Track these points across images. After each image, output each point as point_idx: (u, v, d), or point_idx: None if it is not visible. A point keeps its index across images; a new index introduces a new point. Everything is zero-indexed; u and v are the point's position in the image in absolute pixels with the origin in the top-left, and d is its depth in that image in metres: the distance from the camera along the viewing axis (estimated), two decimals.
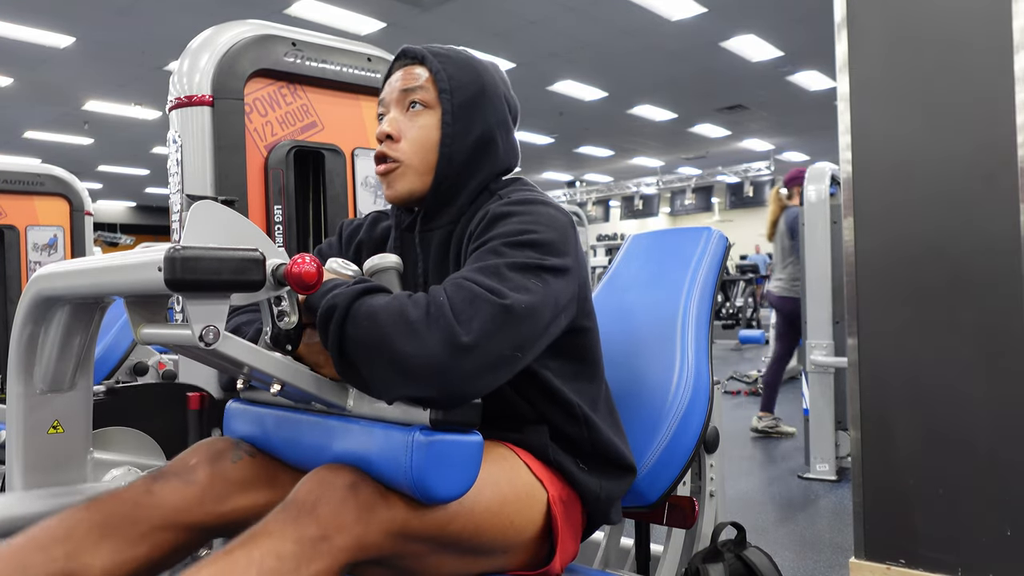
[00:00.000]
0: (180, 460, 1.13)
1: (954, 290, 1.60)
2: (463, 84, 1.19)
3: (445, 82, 1.18)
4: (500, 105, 1.23)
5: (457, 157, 1.18)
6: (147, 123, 11.61)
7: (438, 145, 1.18)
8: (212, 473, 1.10)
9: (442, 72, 1.18)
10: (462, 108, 1.18)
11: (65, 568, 0.94)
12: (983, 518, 1.55)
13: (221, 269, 0.79)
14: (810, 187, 3.78)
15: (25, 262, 3.14)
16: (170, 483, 1.07)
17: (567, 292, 1.05)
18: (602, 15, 7.70)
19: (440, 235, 1.20)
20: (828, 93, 10.80)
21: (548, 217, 1.08)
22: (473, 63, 1.22)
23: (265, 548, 0.83)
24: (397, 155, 1.18)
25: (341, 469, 0.93)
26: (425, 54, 1.20)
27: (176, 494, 1.06)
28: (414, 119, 1.19)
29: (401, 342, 0.88)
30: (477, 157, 1.19)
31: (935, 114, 1.63)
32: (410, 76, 1.20)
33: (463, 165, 1.18)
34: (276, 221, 1.78)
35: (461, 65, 1.20)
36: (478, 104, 1.19)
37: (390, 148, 1.19)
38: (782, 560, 2.56)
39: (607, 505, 1.21)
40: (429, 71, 1.19)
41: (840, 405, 3.68)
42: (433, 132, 1.18)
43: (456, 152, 1.17)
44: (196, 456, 1.12)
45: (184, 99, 1.70)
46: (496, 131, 1.21)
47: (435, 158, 1.18)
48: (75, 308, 1.11)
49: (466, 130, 1.18)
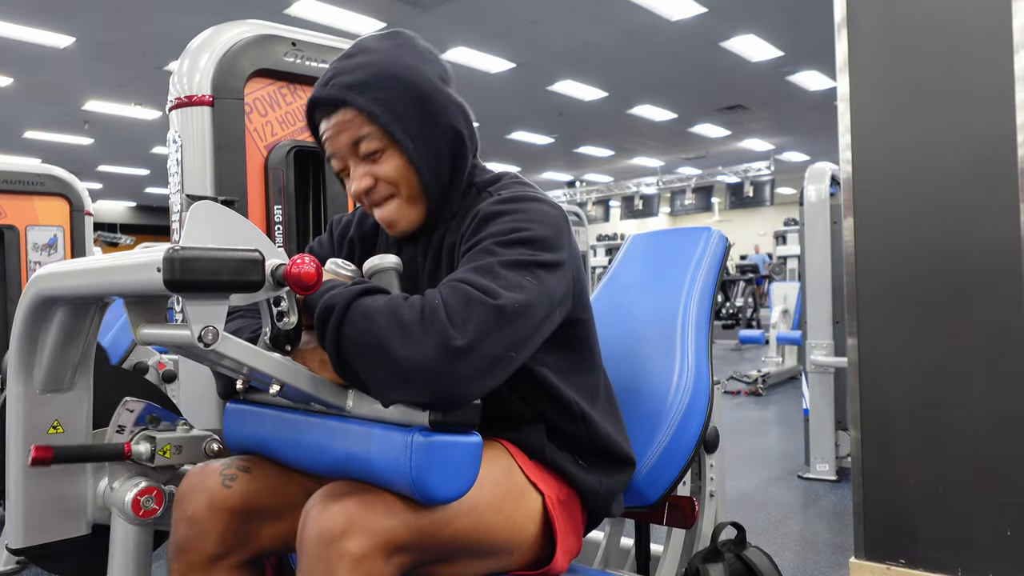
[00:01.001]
0: (182, 515, 1.11)
1: (954, 290, 1.60)
2: (400, 103, 1.09)
3: (382, 115, 1.08)
4: (441, 91, 1.12)
5: (439, 172, 1.14)
6: (147, 123, 11.61)
7: (415, 174, 1.13)
8: (214, 513, 1.09)
9: (373, 107, 1.08)
10: (415, 127, 1.10)
11: None
12: (983, 518, 1.55)
13: (220, 270, 0.79)
14: (810, 187, 3.78)
15: (25, 262, 3.14)
16: (189, 555, 1.09)
17: (561, 287, 1.05)
18: (602, 15, 7.70)
19: (435, 237, 1.19)
20: (828, 93, 10.80)
21: (539, 213, 1.07)
22: (392, 69, 1.10)
23: None
24: (383, 196, 1.15)
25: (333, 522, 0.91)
26: (343, 97, 1.09)
27: (202, 553, 1.08)
28: (378, 164, 1.13)
29: (396, 345, 0.88)
30: (454, 156, 1.15)
31: (935, 114, 1.63)
32: (345, 127, 1.11)
33: (447, 173, 1.15)
34: (276, 221, 1.78)
35: (384, 83, 1.09)
36: (426, 111, 1.11)
37: (374, 198, 1.15)
38: (782, 560, 2.56)
39: (607, 500, 1.21)
40: (358, 111, 1.09)
41: (840, 405, 3.68)
42: (404, 167, 1.12)
43: (435, 170, 1.14)
44: (191, 504, 1.11)
45: (184, 99, 1.70)
46: (455, 119, 1.13)
47: (419, 186, 1.13)
48: (75, 308, 1.11)
49: (431, 143, 1.12)
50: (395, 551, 0.92)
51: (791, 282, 7.74)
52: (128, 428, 1.25)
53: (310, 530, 0.91)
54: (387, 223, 1.17)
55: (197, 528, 1.08)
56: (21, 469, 1.18)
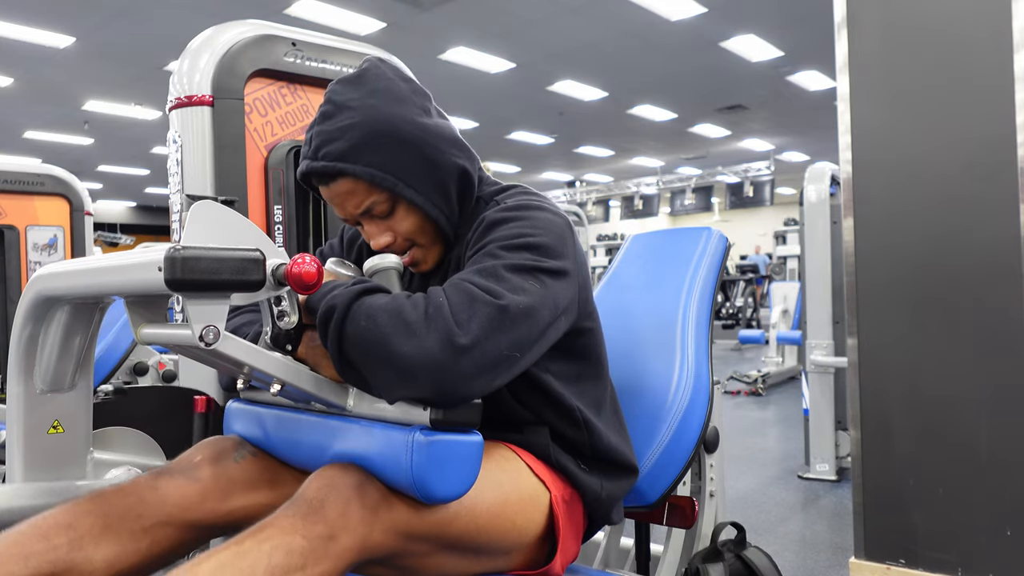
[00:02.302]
0: (184, 458, 1.13)
1: (954, 290, 1.60)
2: (397, 162, 1.09)
3: (382, 177, 1.09)
4: (430, 131, 1.12)
5: (450, 211, 1.16)
6: (147, 123, 11.61)
7: (429, 220, 1.15)
8: (215, 471, 1.10)
9: (374, 173, 1.08)
10: (419, 180, 1.11)
11: (67, 557, 0.94)
12: (983, 518, 1.55)
13: (221, 269, 0.79)
14: (810, 187, 3.78)
15: (25, 262, 3.14)
16: (174, 480, 1.08)
17: (566, 295, 1.05)
18: (602, 15, 7.70)
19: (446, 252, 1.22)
20: (828, 93, 10.80)
21: (544, 221, 1.08)
22: (377, 125, 1.08)
23: (275, 542, 0.84)
24: (404, 246, 1.17)
25: (348, 469, 0.94)
26: (339, 169, 1.08)
27: (180, 490, 1.07)
28: (394, 221, 1.15)
29: (399, 342, 0.88)
30: (463, 189, 1.17)
31: (935, 114, 1.63)
32: (349, 196, 1.12)
33: (456, 205, 1.17)
34: (276, 221, 1.78)
35: (375, 143, 1.08)
36: (425, 160, 1.11)
37: (395, 249, 1.17)
38: (782, 560, 2.56)
39: (608, 505, 1.21)
40: (358, 179, 1.09)
41: (840, 405, 3.68)
42: (417, 217, 1.15)
43: (447, 210, 1.16)
44: (200, 454, 1.13)
45: (184, 99, 1.70)
46: (453, 155, 1.14)
47: (434, 229, 1.17)
48: (75, 308, 1.11)
49: (438, 189, 1.13)
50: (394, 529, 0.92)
51: (791, 282, 7.74)
52: None
53: (324, 469, 0.94)
54: (413, 264, 1.20)
55: (193, 473, 1.09)
56: (21, 469, 1.18)
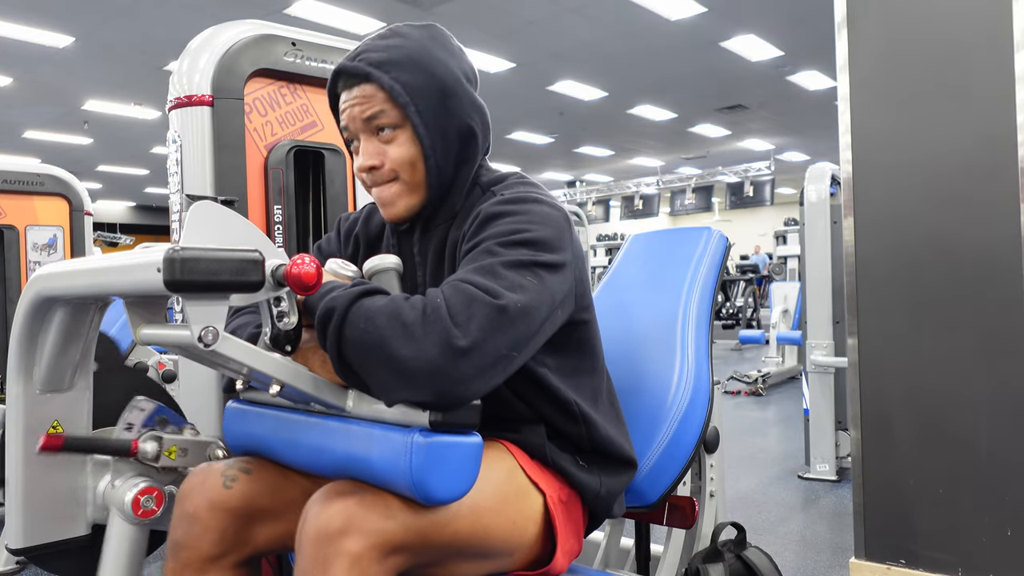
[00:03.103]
0: (182, 514, 1.11)
1: (954, 290, 1.60)
2: (421, 87, 1.11)
3: (403, 95, 1.10)
4: (462, 88, 1.15)
5: (444, 164, 1.15)
6: (147, 123, 11.61)
7: (422, 160, 1.13)
8: (214, 513, 1.09)
9: (396, 86, 1.10)
10: (431, 115, 1.12)
11: None
12: (983, 518, 1.55)
13: (220, 270, 0.79)
14: (810, 187, 3.78)
15: (25, 262, 3.14)
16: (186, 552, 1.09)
17: (563, 287, 1.05)
18: (602, 15, 7.69)
19: (438, 234, 1.20)
20: (828, 93, 10.80)
21: (542, 214, 1.07)
22: (420, 57, 1.12)
23: None
24: (386, 177, 1.16)
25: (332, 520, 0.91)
26: (368, 72, 1.11)
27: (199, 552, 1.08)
28: (389, 143, 1.14)
29: (398, 345, 0.88)
30: (463, 154, 1.17)
31: (935, 114, 1.63)
32: (364, 101, 1.12)
33: (453, 166, 1.16)
34: (276, 221, 1.78)
35: (410, 67, 1.11)
36: (445, 103, 1.13)
37: (377, 177, 1.16)
38: (782, 560, 2.56)
39: (608, 501, 1.21)
40: (381, 88, 1.11)
41: (840, 405, 3.68)
42: (413, 149, 1.13)
43: (442, 160, 1.14)
44: (191, 502, 1.11)
45: (184, 99, 1.70)
46: (471, 118, 1.16)
47: (423, 174, 1.15)
48: (75, 308, 1.11)
49: (444, 135, 1.13)
50: (393, 551, 0.92)
51: (791, 282, 7.73)
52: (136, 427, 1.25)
53: (309, 528, 0.91)
54: (384, 203, 1.18)
55: (196, 527, 1.09)
56: (21, 469, 1.18)
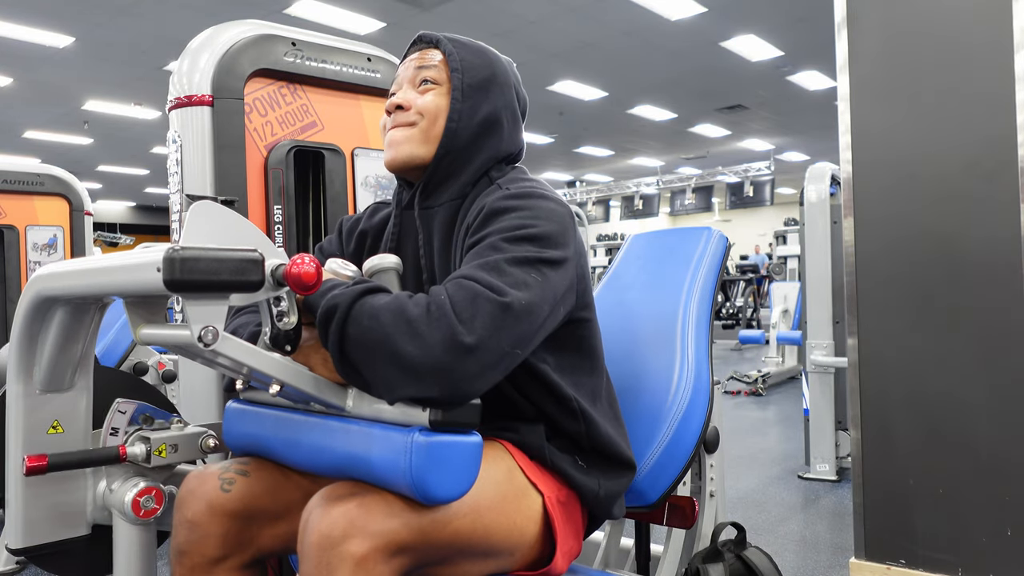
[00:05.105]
0: (181, 520, 1.11)
1: (954, 290, 1.60)
2: (474, 67, 1.22)
3: (457, 63, 1.21)
4: (509, 93, 1.26)
5: (463, 133, 1.19)
6: (147, 123, 11.61)
7: (446, 118, 1.20)
8: (214, 517, 1.09)
9: (455, 54, 1.22)
10: (472, 88, 1.21)
11: None
12: (983, 518, 1.55)
13: (220, 270, 0.79)
14: (810, 187, 3.78)
15: (25, 262, 3.14)
16: (190, 558, 1.09)
17: (565, 283, 1.06)
18: (602, 15, 7.70)
19: (440, 214, 1.21)
20: (828, 93, 10.80)
21: (546, 210, 1.08)
22: (486, 52, 1.27)
23: None
24: (407, 119, 1.21)
25: (334, 525, 0.90)
26: (440, 38, 1.25)
27: (203, 557, 1.09)
28: (425, 94, 1.22)
29: (403, 342, 0.88)
30: (482, 136, 1.21)
31: (935, 114, 1.63)
32: (424, 57, 1.25)
33: (468, 141, 1.20)
34: (276, 221, 1.78)
35: (474, 51, 1.25)
36: (487, 87, 1.22)
37: (399, 117, 1.22)
38: (782, 560, 2.56)
39: (607, 503, 1.21)
40: (443, 53, 1.24)
41: (840, 405, 3.68)
42: (442, 104, 1.21)
43: (462, 128, 1.19)
44: (190, 507, 1.11)
45: (184, 99, 1.70)
46: (503, 115, 1.24)
47: (441, 129, 1.20)
48: (75, 308, 1.11)
49: (474, 108, 1.20)
50: (396, 552, 0.91)
51: (791, 282, 7.73)
52: (122, 429, 1.25)
53: (311, 534, 0.90)
54: (392, 143, 1.23)
55: (197, 532, 1.09)
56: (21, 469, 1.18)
